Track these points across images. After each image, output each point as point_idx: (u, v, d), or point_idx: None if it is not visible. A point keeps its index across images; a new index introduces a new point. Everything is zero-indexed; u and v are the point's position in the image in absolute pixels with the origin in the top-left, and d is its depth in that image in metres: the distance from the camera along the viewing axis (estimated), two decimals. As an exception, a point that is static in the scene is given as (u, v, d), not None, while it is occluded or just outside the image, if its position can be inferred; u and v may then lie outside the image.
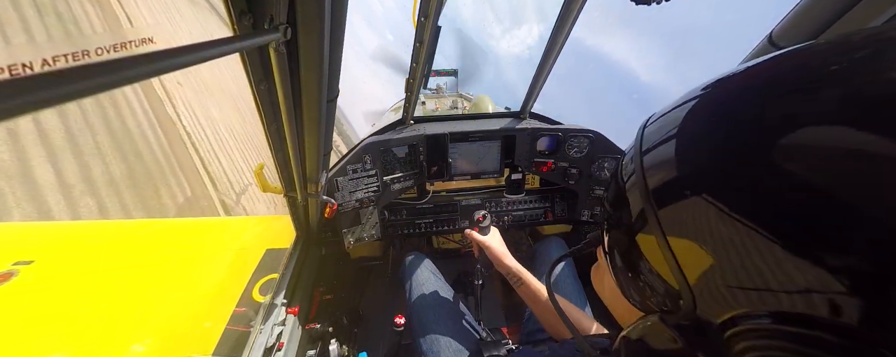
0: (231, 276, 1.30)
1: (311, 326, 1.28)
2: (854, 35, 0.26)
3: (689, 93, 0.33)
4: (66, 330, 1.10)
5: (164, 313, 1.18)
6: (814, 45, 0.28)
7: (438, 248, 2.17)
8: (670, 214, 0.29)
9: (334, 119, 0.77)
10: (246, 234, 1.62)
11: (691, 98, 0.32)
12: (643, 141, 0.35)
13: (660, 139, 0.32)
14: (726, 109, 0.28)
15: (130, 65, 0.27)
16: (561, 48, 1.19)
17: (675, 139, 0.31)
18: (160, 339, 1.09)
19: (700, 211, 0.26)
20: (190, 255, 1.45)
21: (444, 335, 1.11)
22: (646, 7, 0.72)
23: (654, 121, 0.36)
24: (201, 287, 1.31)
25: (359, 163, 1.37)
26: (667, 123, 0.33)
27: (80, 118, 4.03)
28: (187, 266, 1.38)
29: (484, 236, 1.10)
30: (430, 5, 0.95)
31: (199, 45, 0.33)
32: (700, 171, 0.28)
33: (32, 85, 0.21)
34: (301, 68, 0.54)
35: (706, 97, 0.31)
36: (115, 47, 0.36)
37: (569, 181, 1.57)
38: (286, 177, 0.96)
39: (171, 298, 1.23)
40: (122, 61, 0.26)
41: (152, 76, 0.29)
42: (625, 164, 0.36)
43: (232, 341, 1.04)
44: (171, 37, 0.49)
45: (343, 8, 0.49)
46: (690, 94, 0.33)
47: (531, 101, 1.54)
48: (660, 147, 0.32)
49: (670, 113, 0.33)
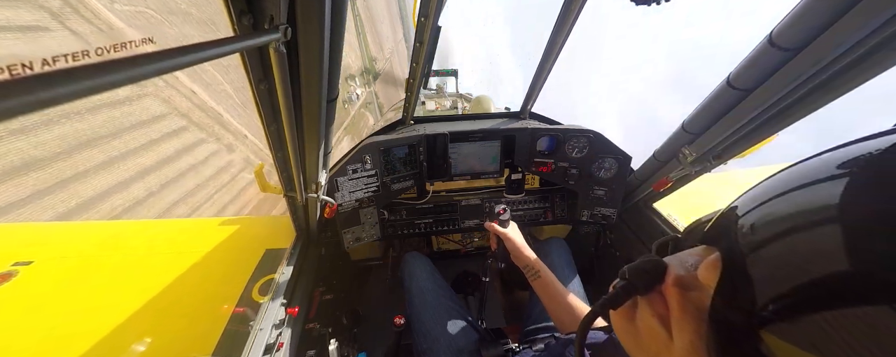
0: (231, 276, 1.30)
1: (310, 326, 1.28)
2: None
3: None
4: (67, 330, 1.10)
5: (164, 313, 1.18)
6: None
7: (438, 248, 2.17)
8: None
9: (334, 119, 0.77)
10: (246, 234, 1.62)
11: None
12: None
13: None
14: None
15: (130, 65, 0.27)
16: (561, 48, 1.19)
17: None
18: (160, 339, 1.09)
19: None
20: (190, 255, 1.45)
21: (444, 335, 1.11)
22: (646, 7, 0.72)
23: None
24: (201, 287, 1.31)
25: (359, 163, 1.37)
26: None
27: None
28: (187, 266, 1.38)
29: (504, 229, 1.11)
30: (430, 5, 0.95)
31: (200, 45, 0.33)
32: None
33: (32, 85, 0.21)
34: (301, 68, 0.54)
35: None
36: (115, 47, 0.36)
37: (569, 181, 1.57)
38: (286, 177, 0.96)
39: (171, 298, 1.23)
40: (122, 61, 0.26)
41: (152, 76, 0.29)
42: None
43: (232, 341, 1.04)
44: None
45: (343, 8, 0.49)
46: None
47: (531, 101, 1.54)
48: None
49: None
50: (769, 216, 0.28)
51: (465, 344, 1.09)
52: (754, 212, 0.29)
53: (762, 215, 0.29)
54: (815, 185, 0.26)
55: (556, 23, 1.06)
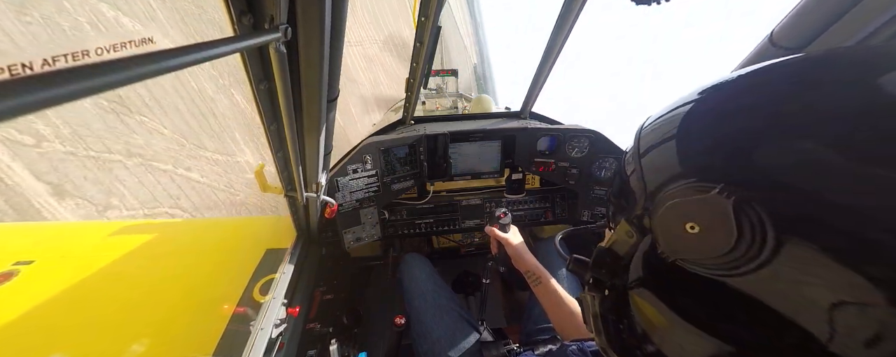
0: (231, 276, 1.30)
1: (311, 326, 1.28)
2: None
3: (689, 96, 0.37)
4: (67, 330, 1.10)
5: (164, 313, 1.18)
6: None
7: (438, 248, 2.17)
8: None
9: (335, 119, 0.77)
10: (246, 234, 1.61)
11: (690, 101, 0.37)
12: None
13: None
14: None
15: (130, 65, 0.27)
16: (561, 48, 1.19)
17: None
18: (160, 338, 1.09)
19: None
20: (190, 255, 1.45)
21: (444, 335, 1.11)
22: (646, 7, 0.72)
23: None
24: (202, 287, 1.31)
25: (359, 163, 1.37)
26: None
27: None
28: (188, 266, 1.38)
29: (505, 233, 1.10)
30: (430, 5, 0.95)
31: (200, 45, 0.33)
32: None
33: (32, 85, 0.21)
34: (301, 68, 0.54)
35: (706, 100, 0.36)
36: (115, 47, 0.36)
37: (569, 181, 1.57)
38: (286, 177, 0.96)
39: (171, 298, 1.23)
40: (122, 61, 0.26)
41: (152, 76, 0.28)
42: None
43: (233, 341, 1.04)
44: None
45: (343, 8, 0.49)
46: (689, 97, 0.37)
47: (531, 101, 1.54)
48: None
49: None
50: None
51: (466, 344, 1.09)
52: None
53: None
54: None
55: (556, 23, 1.06)
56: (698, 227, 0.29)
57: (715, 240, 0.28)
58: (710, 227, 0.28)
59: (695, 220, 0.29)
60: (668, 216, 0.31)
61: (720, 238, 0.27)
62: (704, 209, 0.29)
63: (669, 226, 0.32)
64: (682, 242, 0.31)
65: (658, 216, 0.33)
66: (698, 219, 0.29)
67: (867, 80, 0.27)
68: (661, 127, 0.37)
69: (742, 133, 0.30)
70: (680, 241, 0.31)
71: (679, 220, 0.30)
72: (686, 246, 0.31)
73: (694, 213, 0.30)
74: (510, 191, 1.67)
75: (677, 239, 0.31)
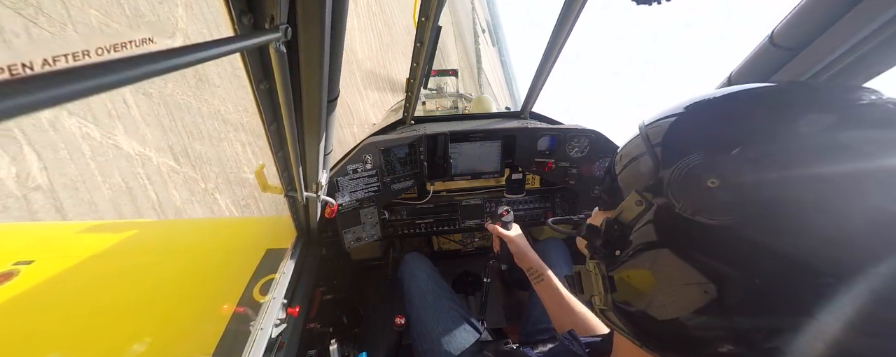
0: (231, 276, 1.30)
1: (311, 326, 1.28)
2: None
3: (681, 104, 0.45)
4: (67, 330, 1.10)
5: (164, 313, 1.18)
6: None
7: (438, 248, 2.17)
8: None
9: (335, 119, 0.77)
10: (246, 234, 1.61)
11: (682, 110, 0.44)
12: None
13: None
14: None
15: (130, 65, 0.27)
16: (561, 48, 1.19)
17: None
18: (160, 338, 1.09)
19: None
20: (190, 255, 1.45)
21: (444, 335, 1.11)
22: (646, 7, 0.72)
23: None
24: (202, 287, 1.31)
25: (359, 163, 1.37)
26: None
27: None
28: (188, 266, 1.38)
29: (507, 231, 1.10)
30: (430, 5, 0.95)
31: (200, 45, 0.33)
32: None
33: (32, 85, 0.21)
34: (301, 68, 0.54)
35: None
36: (115, 47, 0.36)
37: (569, 181, 1.57)
38: (286, 177, 0.96)
39: (171, 298, 1.23)
40: (122, 61, 0.26)
41: (152, 76, 0.28)
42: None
43: (233, 341, 1.04)
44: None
45: (343, 8, 0.49)
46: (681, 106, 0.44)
47: (531, 101, 1.54)
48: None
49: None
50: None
51: (466, 344, 1.09)
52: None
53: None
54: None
55: (556, 23, 1.06)
56: (718, 181, 0.34)
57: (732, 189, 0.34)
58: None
59: (715, 174, 0.34)
60: (690, 177, 0.36)
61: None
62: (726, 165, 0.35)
63: (690, 186, 0.36)
64: (704, 196, 0.35)
65: (681, 179, 0.37)
66: (718, 173, 0.34)
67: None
68: (666, 118, 0.45)
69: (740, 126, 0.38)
70: (702, 196, 0.35)
71: (700, 180, 0.35)
72: (707, 199, 0.35)
73: (715, 169, 0.35)
74: (510, 191, 1.67)
75: (700, 193, 0.35)
